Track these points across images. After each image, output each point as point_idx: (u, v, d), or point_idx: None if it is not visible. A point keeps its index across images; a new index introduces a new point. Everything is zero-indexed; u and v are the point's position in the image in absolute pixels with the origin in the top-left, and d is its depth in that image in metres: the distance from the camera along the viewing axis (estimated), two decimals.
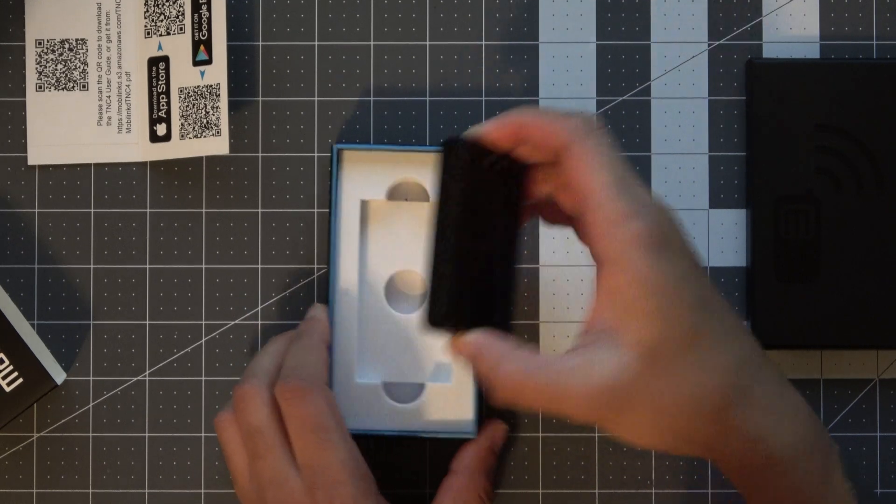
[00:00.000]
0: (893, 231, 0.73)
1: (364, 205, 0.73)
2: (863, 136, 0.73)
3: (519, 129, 0.63)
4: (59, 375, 0.74)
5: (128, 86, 0.74)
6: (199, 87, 0.72)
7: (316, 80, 0.76)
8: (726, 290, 0.75)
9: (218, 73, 0.72)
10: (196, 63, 0.73)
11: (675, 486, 0.75)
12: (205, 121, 0.72)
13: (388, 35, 0.76)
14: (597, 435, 0.75)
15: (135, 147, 0.74)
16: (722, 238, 0.75)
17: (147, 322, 0.75)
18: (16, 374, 0.72)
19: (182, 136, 0.73)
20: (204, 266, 0.75)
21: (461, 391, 0.72)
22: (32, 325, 0.75)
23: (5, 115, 0.75)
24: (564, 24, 0.76)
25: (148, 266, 0.75)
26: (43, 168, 0.75)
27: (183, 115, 0.73)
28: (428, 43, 0.76)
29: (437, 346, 0.73)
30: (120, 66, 0.74)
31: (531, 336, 0.75)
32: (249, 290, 0.75)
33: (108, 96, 0.74)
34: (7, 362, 0.72)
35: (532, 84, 0.76)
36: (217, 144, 0.72)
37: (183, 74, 0.73)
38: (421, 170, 0.73)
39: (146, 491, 0.75)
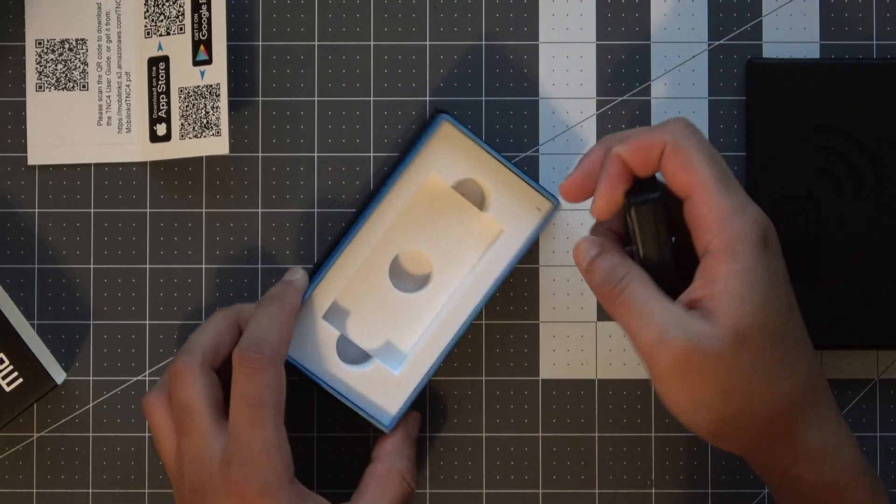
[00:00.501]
0: (893, 231, 0.73)
1: (428, 180, 0.73)
2: (863, 136, 0.73)
3: (619, 160, 0.65)
4: (59, 375, 0.74)
5: (128, 86, 0.74)
6: (199, 87, 0.72)
7: (316, 80, 0.76)
8: None
9: (218, 73, 0.72)
10: (196, 63, 0.73)
11: (675, 486, 0.75)
12: (205, 121, 0.72)
13: (388, 35, 0.76)
14: (597, 435, 0.75)
15: (135, 147, 0.74)
16: None
17: (147, 322, 0.75)
18: (16, 374, 0.72)
19: (182, 136, 0.73)
20: (204, 266, 0.75)
21: (401, 386, 0.72)
22: (32, 325, 0.75)
23: (5, 115, 0.75)
24: (564, 24, 0.76)
25: (148, 266, 0.75)
26: (43, 168, 0.75)
27: (183, 115, 0.73)
28: (428, 43, 0.76)
29: (406, 333, 0.73)
30: (120, 66, 0.74)
31: (531, 336, 0.75)
32: (249, 290, 0.75)
33: (108, 96, 0.74)
34: (7, 362, 0.72)
35: (532, 84, 0.76)
36: (217, 144, 0.72)
37: (183, 74, 0.73)
38: (498, 183, 0.72)
39: (146, 491, 0.75)
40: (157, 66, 0.74)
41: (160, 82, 0.73)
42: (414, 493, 0.72)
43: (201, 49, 0.73)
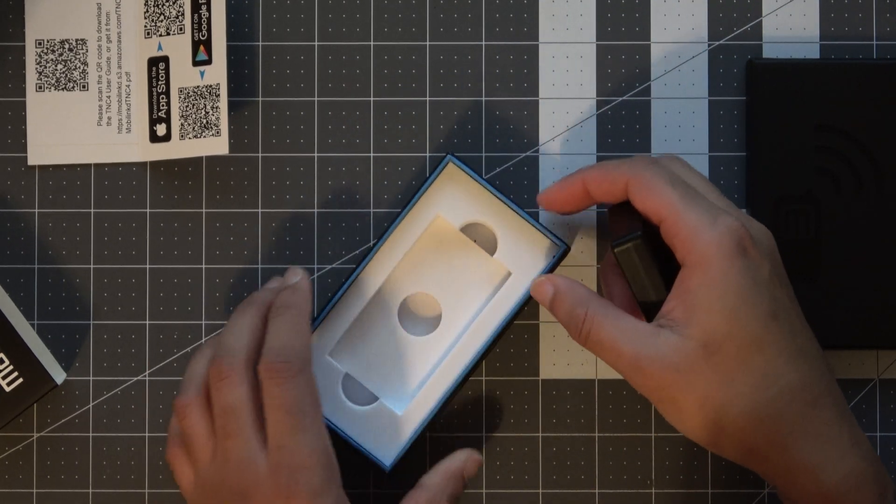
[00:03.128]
0: (893, 231, 0.73)
1: (434, 219, 0.73)
2: (863, 136, 0.73)
3: (583, 185, 0.68)
4: (59, 375, 0.74)
5: (128, 86, 0.74)
6: (198, 87, 0.72)
7: (316, 80, 0.76)
8: None
9: (218, 73, 0.72)
10: (196, 63, 0.73)
11: (675, 486, 0.75)
12: (204, 121, 0.72)
13: (388, 35, 0.76)
14: (597, 435, 0.75)
15: (135, 147, 0.74)
16: None
17: (147, 322, 0.75)
18: (16, 374, 0.72)
19: (182, 136, 0.73)
20: (204, 266, 0.75)
21: (404, 426, 0.72)
22: (32, 325, 0.75)
23: (5, 115, 0.75)
24: (564, 24, 0.76)
25: (148, 266, 0.75)
26: (43, 168, 0.75)
27: (183, 116, 0.73)
28: (428, 43, 0.76)
29: (411, 374, 0.73)
30: (120, 67, 0.74)
31: (531, 336, 0.75)
32: (249, 290, 0.75)
33: (108, 96, 0.74)
34: (7, 362, 0.72)
35: (532, 84, 0.76)
36: (217, 144, 0.72)
37: (183, 74, 0.73)
38: (506, 226, 0.73)
39: (146, 491, 0.75)
40: (157, 67, 0.74)
41: (160, 82, 0.73)
42: None
43: (201, 49, 0.73)
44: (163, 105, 0.73)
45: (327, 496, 0.66)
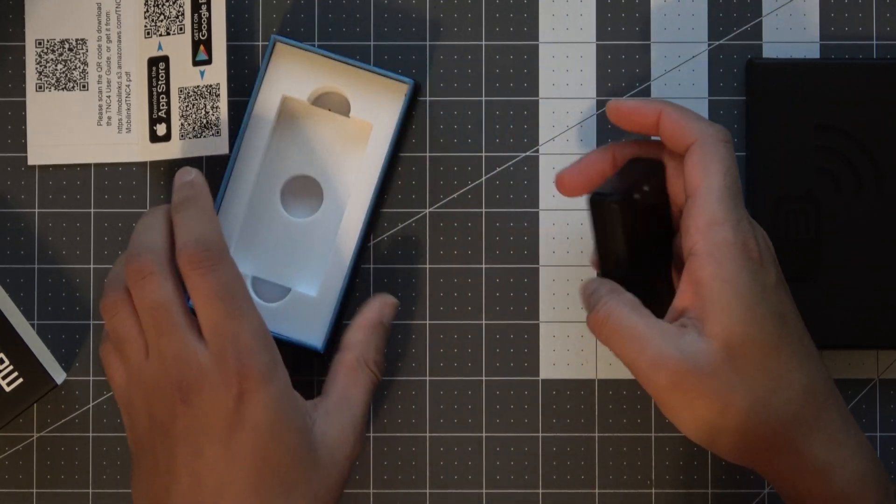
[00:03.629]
0: (893, 231, 0.73)
1: (284, 101, 0.74)
2: (863, 136, 0.73)
3: (658, 115, 0.66)
4: (59, 375, 0.74)
5: (128, 86, 0.74)
6: (198, 87, 0.72)
7: None
8: None
9: (218, 73, 0.72)
10: (196, 63, 0.73)
11: (675, 486, 0.75)
12: (204, 121, 0.72)
13: (388, 35, 0.76)
14: (597, 435, 0.75)
15: (135, 147, 0.74)
16: None
17: None
18: (16, 374, 0.72)
19: (182, 136, 0.73)
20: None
21: (322, 305, 0.73)
22: (32, 325, 0.75)
23: (5, 115, 0.75)
24: (564, 24, 0.76)
25: None
26: (43, 168, 0.75)
27: (183, 115, 0.73)
28: (428, 43, 0.76)
29: (314, 255, 0.74)
30: (120, 66, 0.74)
31: (531, 336, 0.75)
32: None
33: (108, 96, 0.74)
34: (7, 362, 0.72)
35: (532, 84, 0.76)
36: (217, 144, 0.72)
37: (183, 74, 0.73)
38: (352, 84, 0.73)
39: None
40: (157, 66, 0.74)
41: (160, 82, 0.73)
42: (380, 381, 0.71)
43: (201, 49, 0.73)
44: (163, 105, 0.73)
45: (278, 375, 0.65)
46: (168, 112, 0.73)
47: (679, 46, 0.76)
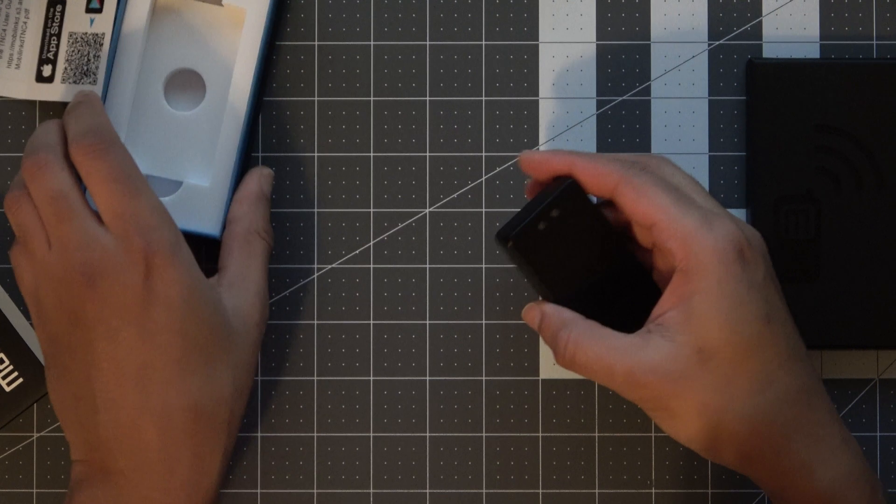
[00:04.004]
0: (893, 231, 0.73)
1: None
2: (863, 136, 0.73)
3: (570, 167, 0.67)
4: None
5: (25, 23, 0.74)
6: (86, 34, 0.73)
7: (316, 80, 0.76)
8: None
9: (105, 23, 0.73)
10: (88, 10, 0.73)
11: (675, 486, 0.75)
12: (85, 68, 0.73)
13: (388, 35, 0.76)
14: (596, 435, 0.75)
15: (21, 84, 0.74)
16: None
17: None
18: (16, 374, 0.72)
19: (64, 79, 0.73)
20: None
21: (215, 193, 0.73)
22: (32, 325, 0.75)
23: None
24: (564, 24, 0.76)
25: None
26: None
27: (68, 60, 0.73)
28: (428, 43, 0.76)
29: (201, 146, 0.74)
30: (21, 3, 0.74)
31: (531, 336, 0.75)
32: None
33: (4, 30, 0.74)
34: (7, 362, 0.72)
35: (532, 84, 0.76)
36: None
37: (75, 19, 0.73)
38: None
39: None
40: (55, 8, 0.74)
41: (55, 24, 0.74)
42: (272, 248, 0.72)
43: None
44: (52, 46, 0.74)
45: (183, 250, 0.65)
46: (56, 54, 0.74)
47: (679, 46, 0.76)
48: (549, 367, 0.75)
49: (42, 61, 0.74)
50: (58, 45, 0.73)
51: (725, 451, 0.65)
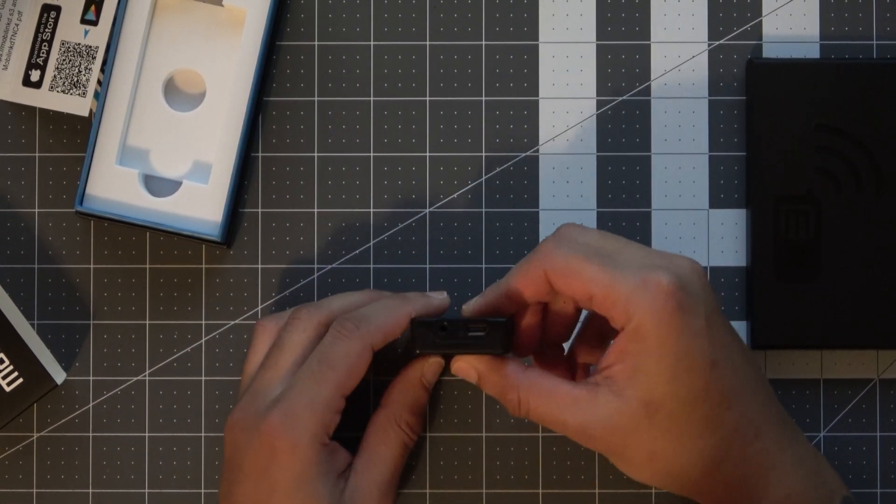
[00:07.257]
0: (893, 231, 0.73)
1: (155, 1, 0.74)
2: (863, 136, 0.73)
3: (507, 297, 0.68)
4: (59, 375, 0.74)
5: (17, 24, 0.74)
6: (79, 44, 0.73)
7: (316, 80, 0.76)
8: (726, 290, 0.75)
9: (100, 36, 0.73)
10: (83, 21, 0.73)
11: None
12: (75, 79, 0.73)
13: (388, 35, 0.76)
14: None
15: (6, 86, 0.74)
16: (722, 238, 0.75)
17: (147, 322, 0.75)
18: (16, 374, 0.72)
19: (52, 87, 0.73)
20: (204, 266, 0.75)
21: (215, 194, 0.74)
22: (32, 325, 0.75)
23: None
24: (564, 24, 0.76)
25: (148, 266, 0.75)
26: (43, 167, 0.75)
27: (58, 68, 0.73)
28: (428, 43, 0.76)
29: (201, 146, 0.74)
30: (14, 4, 0.74)
31: None
32: (249, 290, 0.75)
33: None
34: (7, 362, 0.72)
35: (532, 84, 0.76)
36: (78, 105, 0.73)
37: (69, 28, 0.73)
38: None
39: (146, 491, 0.75)
40: (49, 14, 0.74)
41: (47, 30, 0.74)
42: (415, 442, 0.72)
43: (91, 9, 0.73)
44: (43, 52, 0.74)
45: (309, 454, 0.66)
46: (46, 61, 0.74)
47: (679, 46, 0.76)
48: None
49: (30, 65, 0.74)
50: (48, 52, 0.74)
51: (679, 489, 0.66)
